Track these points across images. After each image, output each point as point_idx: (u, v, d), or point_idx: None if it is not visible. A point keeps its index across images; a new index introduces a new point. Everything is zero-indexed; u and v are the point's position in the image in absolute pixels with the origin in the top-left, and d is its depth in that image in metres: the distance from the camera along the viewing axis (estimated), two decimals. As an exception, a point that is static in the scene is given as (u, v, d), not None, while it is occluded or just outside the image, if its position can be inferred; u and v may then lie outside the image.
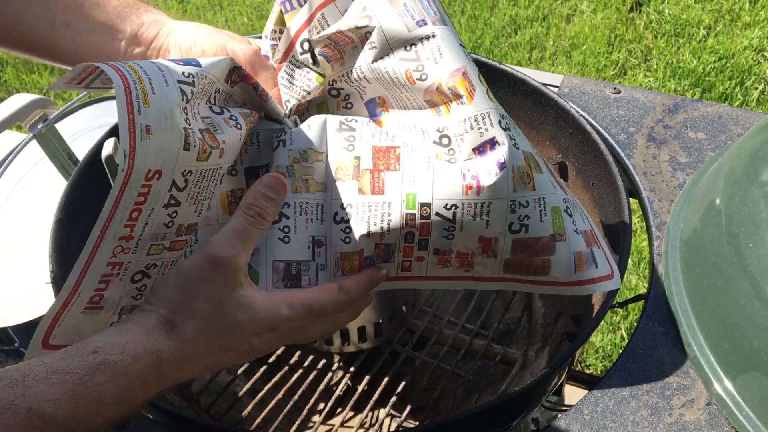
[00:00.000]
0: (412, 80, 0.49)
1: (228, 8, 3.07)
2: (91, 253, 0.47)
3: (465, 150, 0.48)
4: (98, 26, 0.59)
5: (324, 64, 0.55)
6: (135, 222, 0.48)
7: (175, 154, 0.45)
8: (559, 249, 0.51)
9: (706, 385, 0.75)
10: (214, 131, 0.49)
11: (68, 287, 0.48)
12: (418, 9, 0.50)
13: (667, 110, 1.09)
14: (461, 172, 0.48)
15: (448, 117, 0.49)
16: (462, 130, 0.48)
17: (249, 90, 0.55)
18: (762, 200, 0.72)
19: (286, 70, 0.58)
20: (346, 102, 0.57)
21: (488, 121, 0.48)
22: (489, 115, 0.49)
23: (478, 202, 0.47)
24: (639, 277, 1.87)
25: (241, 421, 0.87)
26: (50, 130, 1.06)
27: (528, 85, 1.00)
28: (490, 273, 0.52)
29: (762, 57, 2.54)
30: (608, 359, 1.74)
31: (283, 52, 0.57)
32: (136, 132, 0.42)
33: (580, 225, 0.52)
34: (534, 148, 0.54)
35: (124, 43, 0.60)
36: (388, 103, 0.53)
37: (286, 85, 0.57)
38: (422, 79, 0.49)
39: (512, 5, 2.92)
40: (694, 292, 0.79)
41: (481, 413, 0.67)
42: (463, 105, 0.49)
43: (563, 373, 0.84)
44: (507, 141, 0.48)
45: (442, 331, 0.97)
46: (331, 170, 0.51)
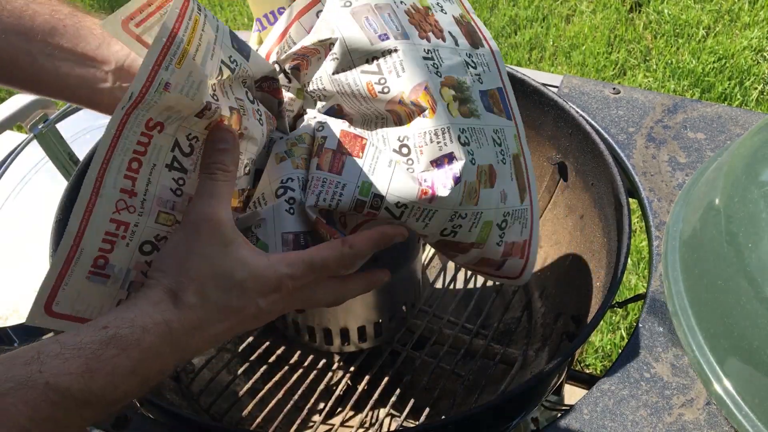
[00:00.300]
0: (374, 93, 0.50)
1: (228, 8, 3.07)
2: (89, 200, 0.46)
3: (423, 161, 0.50)
4: (81, 57, 0.56)
5: (295, 78, 0.56)
6: (136, 175, 0.47)
7: (184, 116, 0.46)
8: (471, 252, 0.55)
9: (705, 385, 0.75)
10: (242, 114, 0.49)
11: (69, 240, 0.46)
12: (380, 23, 0.51)
13: (667, 110, 1.09)
14: (418, 179, 0.50)
15: (410, 128, 0.51)
16: (422, 142, 0.50)
17: (272, 102, 0.55)
18: (761, 200, 0.72)
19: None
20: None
21: (447, 137, 0.50)
22: (449, 130, 0.50)
23: (427, 208, 0.50)
24: (638, 277, 1.87)
25: (241, 421, 0.87)
26: (51, 130, 1.06)
27: (527, 86, 1.00)
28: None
29: (761, 57, 2.54)
30: (608, 359, 1.75)
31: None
32: (153, 83, 0.42)
33: (511, 236, 0.55)
34: (502, 155, 0.54)
35: (112, 77, 0.57)
36: (347, 112, 0.54)
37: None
38: (384, 93, 0.50)
39: (512, 6, 2.92)
40: (693, 292, 0.80)
41: (481, 413, 0.67)
42: (424, 118, 0.50)
43: (563, 372, 0.85)
44: (465, 157, 0.50)
45: (442, 330, 0.97)
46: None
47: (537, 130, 1.03)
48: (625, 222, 0.81)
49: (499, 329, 1.01)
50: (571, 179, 1.01)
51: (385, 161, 0.50)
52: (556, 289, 1.00)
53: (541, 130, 1.02)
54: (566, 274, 0.99)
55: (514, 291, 1.05)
